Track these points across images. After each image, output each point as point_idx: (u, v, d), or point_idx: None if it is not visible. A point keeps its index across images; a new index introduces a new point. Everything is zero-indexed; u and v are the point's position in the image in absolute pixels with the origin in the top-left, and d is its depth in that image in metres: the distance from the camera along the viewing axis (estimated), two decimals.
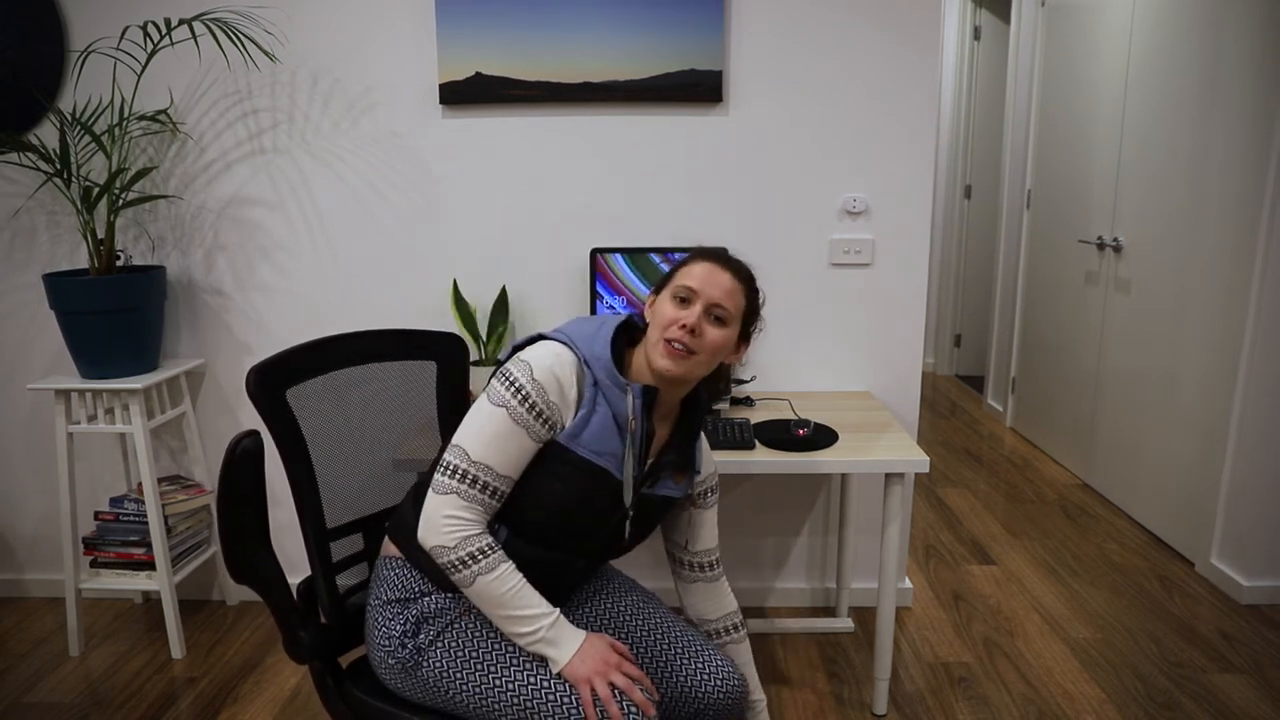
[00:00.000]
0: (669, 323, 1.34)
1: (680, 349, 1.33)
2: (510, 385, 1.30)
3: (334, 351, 1.56)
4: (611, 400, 1.34)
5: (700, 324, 1.34)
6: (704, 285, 1.35)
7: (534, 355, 1.32)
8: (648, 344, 1.37)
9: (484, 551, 1.29)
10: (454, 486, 1.30)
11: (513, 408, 1.29)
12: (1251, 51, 2.60)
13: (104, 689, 2.24)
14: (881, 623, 2.03)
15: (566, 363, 1.32)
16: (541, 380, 1.30)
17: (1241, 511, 2.69)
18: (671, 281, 1.39)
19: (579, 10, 2.27)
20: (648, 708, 1.27)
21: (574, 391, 1.32)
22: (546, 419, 1.31)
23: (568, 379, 1.31)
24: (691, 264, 1.39)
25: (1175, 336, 3.00)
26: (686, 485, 1.48)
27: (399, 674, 1.38)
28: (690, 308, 1.35)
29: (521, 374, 1.30)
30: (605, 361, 1.34)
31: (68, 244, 2.48)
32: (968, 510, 3.39)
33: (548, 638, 1.29)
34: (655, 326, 1.36)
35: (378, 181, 2.42)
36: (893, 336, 2.48)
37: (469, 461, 1.30)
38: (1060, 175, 3.90)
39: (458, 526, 1.29)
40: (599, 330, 1.37)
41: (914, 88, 2.34)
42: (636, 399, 1.35)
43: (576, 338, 1.36)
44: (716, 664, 1.46)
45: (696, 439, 1.47)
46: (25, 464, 2.64)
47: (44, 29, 2.33)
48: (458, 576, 1.29)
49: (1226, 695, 2.19)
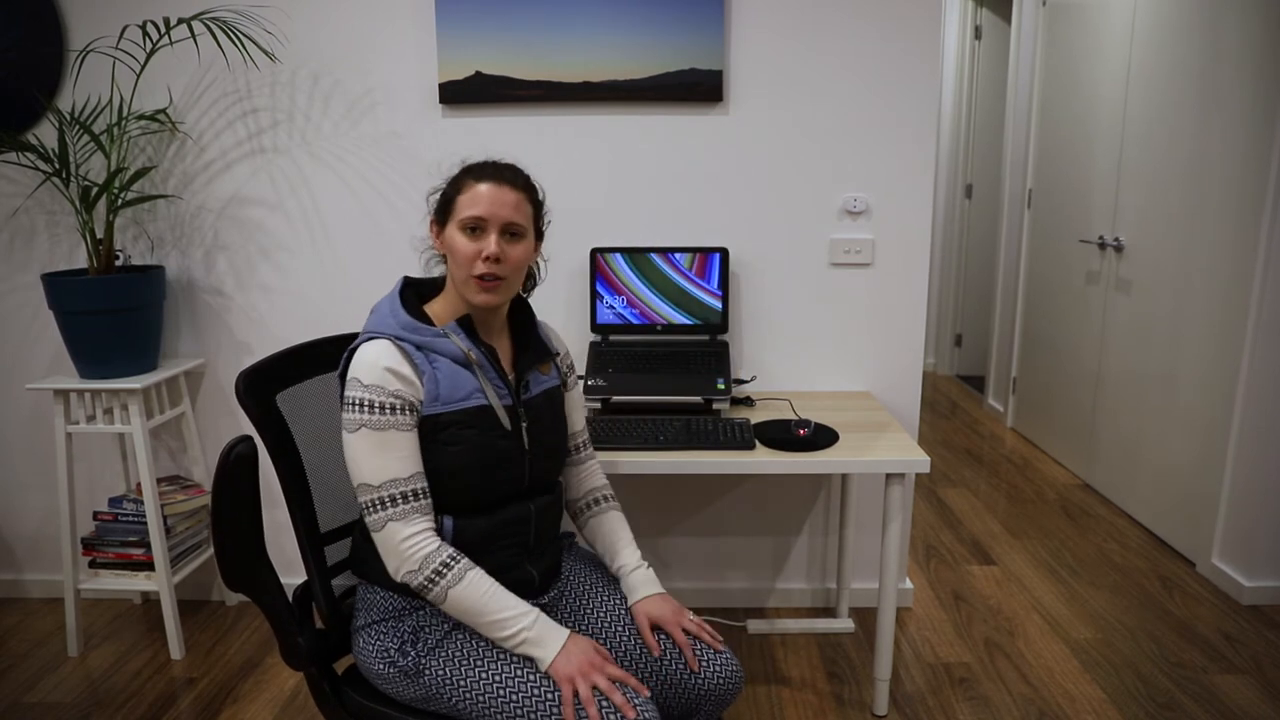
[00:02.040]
0: (471, 258, 1.36)
1: (491, 280, 1.37)
2: (355, 406, 1.32)
3: (324, 354, 1.56)
4: (441, 350, 1.37)
5: (501, 248, 1.36)
6: (491, 209, 1.36)
7: (355, 370, 1.34)
8: (457, 283, 1.39)
9: (447, 565, 1.31)
10: (384, 516, 1.32)
11: (369, 420, 1.32)
12: (1253, 51, 2.59)
13: (103, 689, 2.24)
14: (882, 623, 2.02)
15: (384, 351, 1.34)
16: (375, 382, 1.32)
17: (1242, 511, 2.68)
18: (456, 213, 1.38)
19: (579, 10, 2.27)
20: (627, 710, 1.27)
21: (406, 368, 1.34)
22: (402, 407, 1.33)
23: (395, 363, 1.33)
24: (470, 188, 1.38)
25: (1176, 336, 3.00)
26: (556, 369, 1.54)
27: (400, 681, 1.38)
28: (485, 236, 1.37)
29: (355, 391, 1.33)
30: (411, 325, 1.36)
31: (67, 244, 2.47)
32: (968, 510, 3.38)
33: (530, 638, 1.31)
34: (457, 265, 1.38)
35: (378, 181, 2.42)
36: (893, 336, 2.48)
37: (375, 489, 1.32)
38: (1061, 175, 3.89)
39: (414, 545, 1.31)
40: (390, 307, 1.39)
41: (915, 87, 2.33)
42: (458, 335, 1.38)
43: (376, 327, 1.38)
44: (712, 654, 1.47)
45: (536, 328, 1.52)
46: (24, 464, 2.63)
47: (43, 28, 2.33)
48: (432, 595, 1.32)
49: (1227, 696, 2.18)
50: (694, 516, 2.61)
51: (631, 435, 1.97)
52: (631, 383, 2.18)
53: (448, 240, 1.39)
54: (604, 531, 1.60)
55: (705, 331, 2.34)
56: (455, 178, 1.42)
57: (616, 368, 2.24)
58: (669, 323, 2.33)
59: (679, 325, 2.33)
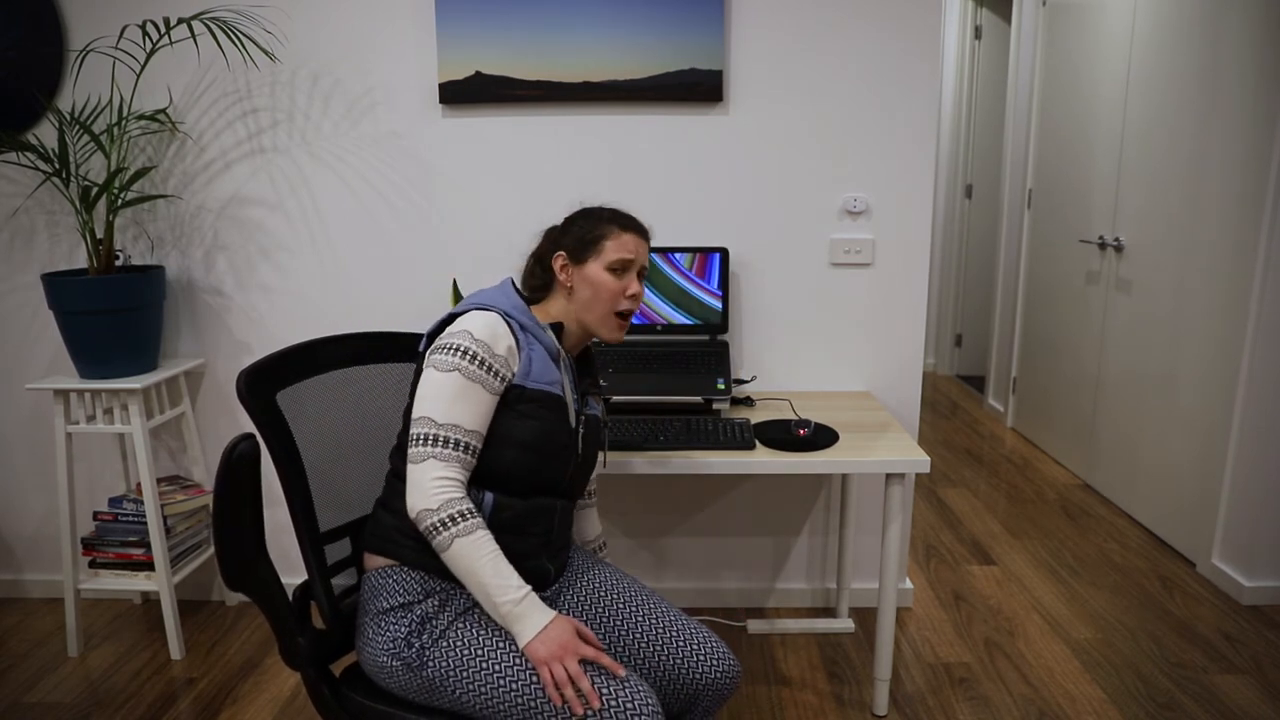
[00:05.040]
0: (616, 295, 1.51)
1: (625, 318, 1.54)
2: (456, 351, 1.39)
3: (324, 354, 1.56)
4: (539, 339, 1.47)
5: (641, 290, 1.54)
6: (637, 255, 1.53)
7: (468, 323, 1.42)
8: (591, 316, 1.52)
9: (464, 515, 1.34)
10: (430, 452, 1.36)
11: (465, 368, 1.38)
12: (1253, 51, 2.59)
13: (103, 689, 2.24)
14: (882, 623, 2.02)
15: (495, 321, 1.43)
16: (484, 339, 1.40)
17: (1242, 512, 2.68)
18: (602, 253, 1.51)
19: (579, 10, 2.27)
20: (593, 698, 1.29)
21: (510, 341, 1.43)
22: (496, 371, 1.41)
23: (502, 333, 1.42)
24: (618, 234, 1.52)
25: (1176, 336, 3.00)
26: (600, 406, 1.64)
27: (402, 674, 1.38)
28: (628, 276, 1.52)
29: (463, 340, 1.40)
30: (522, 308, 1.48)
31: (67, 244, 2.47)
32: (968, 510, 3.38)
33: (515, 612, 1.33)
34: (600, 300, 1.50)
35: (378, 181, 2.42)
36: (893, 336, 2.48)
37: (437, 426, 1.37)
38: (1061, 175, 3.89)
39: (442, 487, 1.35)
40: (503, 291, 1.50)
41: (915, 87, 2.33)
42: (552, 334, 1.50)
43: (490, 301, 1.47)
44: (711, 646, 1.49)
45: (594, 367, 1.65)
46: (24, 464, 2.63)
47: (43, 28, 2.33)
48: (438, 540, 1.34)
49: (1227, 696, 2.18)
50: (694, 516, 2.61)
51: (631, 435, 1.98)
52: (631, 383, 2.18)
53: (589, 276, 1.51)
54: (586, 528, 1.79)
55: (705, 331, 2.34)
56: (595, 221, 1.53)
57: (616, 368, 2.24)
58: (669, 323, 2.33)
59: (679, 325, 2.33)
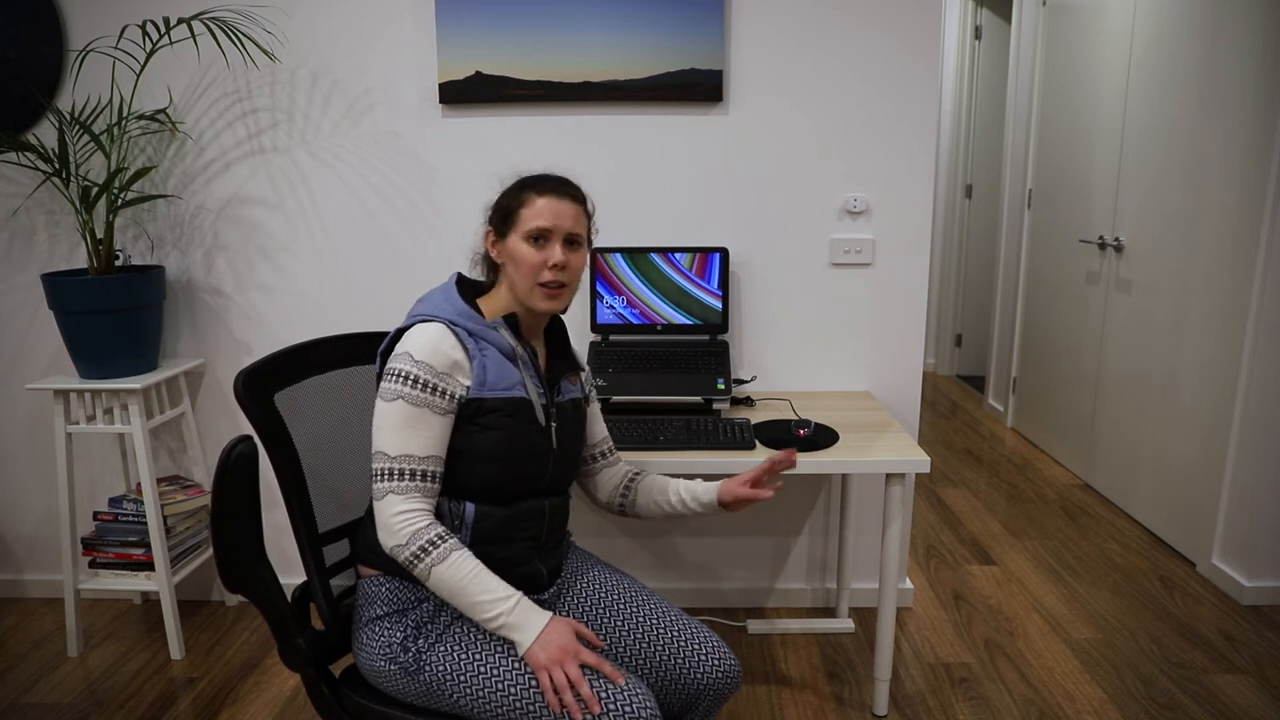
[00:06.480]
0: (537, 266, 1.43)
1: (556, 287, 1.44)
2: (398, 377, 1.36)
3: (323, 354, 1.56)
4: (491, 340, 1.43)
5: (565, 257, 1.44)
6: (555, 220, 1.44)
7: (409, 343, 1.38)
8: (520, 291, 1.45)
9: (434, 543, 1.33)
10: (388, 486, 1.36)
11: (408, 394, 1.36)
12: (1253, 51, 2.59)
13: (103, 689, 2.24)
14: (882, 623, 2.02)
15: (438, 335, 1.38)
16: (425, 359, 1.36)
17: (1243, 512, 2.68)
18: (519, 223, 1.44)
19: (579, 10, 2.27)
20: (593, 704, 1.28)
21: (458, 354, 1.39)
22: (444, 391, 1.37)
23: (448, 347, 1.38)
24: (533, 200, 1.44)
25: (1176, 336, 3.00)
26: (581, 384, 1.60)
27: (400, 678, 1.38)
28: (550, 245, 1.44)
29: (403, 364, 1.37)
30: (467, 312, 1.42)
31: (67, 244, 2.47)
32: (968, 510, 3.38)
33: (509, 622, 1.32)
34: (522, 274, 1.44)
35: (378, 181, 2.42)
36: (893, 336, 2.48)
37: (390, 459, 1.36)
38: (1061, 175, 3.89)
39: (406, 521, 1.34)
40: (445, 296, 1.45)
41: (915, 87, 2.33)
42: (506, 330, 1.44)
43: (432, 311, 1.42)
44: (711, 646, 1.49)
45: (567, 342, 1.60)
46: (24, 464, 2.63)
47: (43, 28, 2.33)
48: (417, 571, 1.34)
49: (1227, 696, 2.18)
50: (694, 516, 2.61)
51: (631, 435, 1.98)
52: (632, 383, 2.18)
53: (510, 250, 1.45)
54: (659, 484, 1.66)
55: (705, 331, 2.34)
56: (513, 190, 1.48)
57: (617, 368, 2.24)
58: (669, 323, 2.33)
59: (679, 325, 2.33)
